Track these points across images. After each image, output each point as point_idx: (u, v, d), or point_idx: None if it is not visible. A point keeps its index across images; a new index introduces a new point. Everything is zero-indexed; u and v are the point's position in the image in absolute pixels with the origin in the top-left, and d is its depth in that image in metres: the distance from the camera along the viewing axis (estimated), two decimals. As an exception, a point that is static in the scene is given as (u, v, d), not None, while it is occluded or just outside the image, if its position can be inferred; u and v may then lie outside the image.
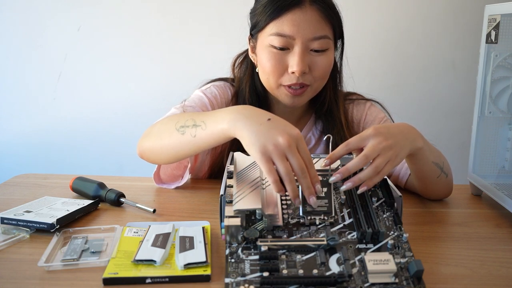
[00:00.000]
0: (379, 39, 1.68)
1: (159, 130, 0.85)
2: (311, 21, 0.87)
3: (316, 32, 0.88)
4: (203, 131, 0.77)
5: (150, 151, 0.87)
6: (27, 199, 0.84)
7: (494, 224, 0.80)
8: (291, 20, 0.87)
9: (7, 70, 1.72)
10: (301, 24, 0.87)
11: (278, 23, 0.88)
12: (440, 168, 0.85)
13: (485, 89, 0.90)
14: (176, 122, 0.82)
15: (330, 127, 1.02)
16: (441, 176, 0.86)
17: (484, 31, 0.89)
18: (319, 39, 0.89)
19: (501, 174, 0.93)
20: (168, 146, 0.82)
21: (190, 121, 0.80)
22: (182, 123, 0.81)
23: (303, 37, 0.88)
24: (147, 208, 0.81)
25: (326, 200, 0.66)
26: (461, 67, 1.71)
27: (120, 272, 0.59)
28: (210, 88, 1.03)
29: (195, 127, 0.78)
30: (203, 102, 0.99)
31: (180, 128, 0.80)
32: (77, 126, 1.76)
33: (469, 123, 0.94)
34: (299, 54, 0.88)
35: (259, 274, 0.55)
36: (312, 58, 0.90)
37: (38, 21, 1.67)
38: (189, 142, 0.79)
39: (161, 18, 1.67)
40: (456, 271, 0.64)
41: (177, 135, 0.80)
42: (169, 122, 0.84)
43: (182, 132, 0.80)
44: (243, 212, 0.62)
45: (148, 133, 0.88)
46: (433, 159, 0.83)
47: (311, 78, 0.91)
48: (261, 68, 0.94)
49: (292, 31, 0.87)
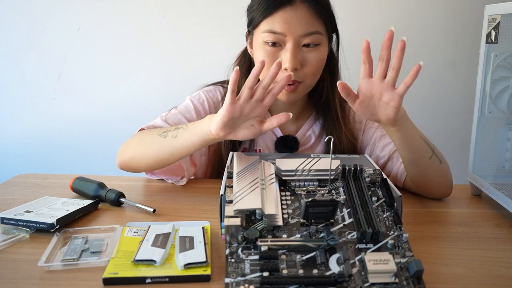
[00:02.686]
0: (379, 39, 1.68)
1: (141, 138, 0.92)
2: (301, 18, 0.90)
3: (307, 28, 0.91)
4: (183, 130, 0.85)
5: (132, 159, 0.92)
6: (27, 199, 0.84)
7: (494, 224, 0.80)
8: (282, 18, 0.90)
9: (7, 70, 1.72)
10: (292, 21, 0.90)
11: (270, 21, 0.91)
12: (431, 149, 0.86)
13: (485, 89, 0.90)
14: (158, 130, 0.90)
15: (328, 118, 1.04)
16: (434, 158, 0.86)
17: (484, 31, 0.89)
18: (310, 35, 0.91)
19: (501, 174, 0.93)
20: (151, 151, 0.89)
21: (172, 127, 0.88)
22: (165, 130, 0.88)
23: (294, 33, 0.90)
24: (147, 208, 0.81)
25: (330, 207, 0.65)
26: (461, 67, 1.71)
27: (120, 272, 0.59)
28: (198, 94, 1.06)
29: (177, 130, 0.86)
30: (188, 109, 1.02)
31: (163, 133, 0.88)
32: (77, 126, 1.76)
33: (469, 123, 0.94)
34: (291, 50, 0.90)
35: (259, 274, 0.55)
36: (304, 54, 0.92)
37: (38, 21, 1.67)
38: (170, 143, 0.86)
39: (162, 18, 1.67)
40: (456, 271, 0.64)
41: (159, 139, 0.87)
42: (151, 131, 0.92)
43: (164, 135, 0.87)
44: (243, 212, 0.62)
45: (129, 143, 0.94)
46: (421, 135, 0.85)
47: (303, 75, 0.93)
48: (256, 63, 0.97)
49: (283, 28, 0.90)
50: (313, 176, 0.72)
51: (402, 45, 0.71)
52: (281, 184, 0.72)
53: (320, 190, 0.70)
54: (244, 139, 0.82)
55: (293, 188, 0.71)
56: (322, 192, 0.70)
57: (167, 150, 0.87)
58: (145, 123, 1.00)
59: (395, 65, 0.73)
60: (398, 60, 0.72)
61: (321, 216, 0.63)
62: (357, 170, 0.73)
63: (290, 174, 0.72)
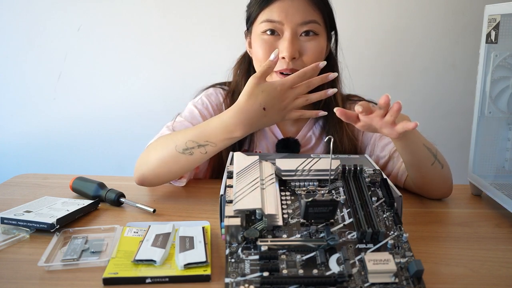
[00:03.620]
0: (379, 39, 1.68)
1: (159, 157, 0.86)
2: (298, 6, 0.92)
3: (305, 17, 0.92)
4: (213, 147, 0.82)
5: (155, 177, 0.88)
6: (27, 199, 0.84)
7: (494, 224, 0.80)
8: (280, 7, 0.92)
9: (7, 70, 1.72)
10: (289, 10, 0.92)
11: (268, 11, 0.93)
12: (433, 155, 0.85)
13: (485, 89, 0.90)
14: (175, 145, 0.84)
15: (329, 120, 1.04)
16: (436, 164, 0.86)
17: (484, 31, 0.89)
18: (308, 23, 0.93)
19: (501, 174, 0.93)
20: (177, 167, 0.86)
21: (191, 143, 0.83)
22: (184, 146, 0.83)
23: (292, 22, 0.92)
24: (147, 208, 0.81)
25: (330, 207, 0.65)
26: (461, 67, 1.71)
27: (120, 272, 0.59)
28: (201, 98, 1.06)
29: (203, 147, 0.83)
30: (194, 115, 1.01)
31: (185, 151, 0.83)
32: (77, 126, 1.76)
33: (469, 123, 0.94)
34: (289, 39, 0.92)
35: (259, 274, 0.55)
36: (302, 44, 0.94)
37: (38, 21, 1.67)
38: (201, 159, 0.85)
39: (162, 18, 1.67)
40: (456, 271, 0.64)
41: (186, 157, 0.84)
42: (167, 146, 0.86)
43: (190, 153, 0.83)
44: (243, 212, 0.62)
45: (146, 161, 0.88)
46: (425, 142, 0.85)
47: (301, 63, 0.94)
48: (254, 57, 0.98)
49: (281, 17, 0.92)
50: (313, 176, 0.72)
51: (398, 107, 0.71)
52: (281, 184, 0.72)
53: (320, 190, 0.70)
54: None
55: (293, 188, 0.71)
56: (322, 192, 0.70)
57: (194, 164, 0.87)
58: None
59: (395, 109, 0.72)
60: (397, 108, 0.71)
61: (321, 216, 0.63)
62: (357, 170, 0.73)
63: (290, 174, 0.72)
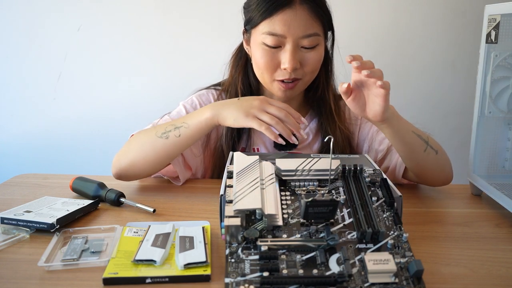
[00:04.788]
0: (379, 39, 1.68)
1: (138, 143, 0.90)
2: (301, 20, 0.92)
3: (306, 30, 0.92)
4: (186, 129, 0.86)
5: (132, 165, 0.90)
6: (27, 199, 0.84)
7: (494, 224, 0.80)
8: (282, 20, 0.92)
9: (7, 70, 1.72)
10: (292, 24, 0.91)
11: (270, 23, 0.92)
12: (425, 142, 0.86)
13: (485, 89, 0.90)
14: (155, 132, 0.89)
15: (322, 113, 1.06)
16: (429, 150, 0.86)
17: (484, 31, 0.89)
18: (309, 37, 0.93)
19: (501, 174, 0.93)
20: (153, 154, 0.88)
21: (169, 126, 0.88)
22: (162, 130, 0.88)
23: (294, 35, 0.92)
24: (147, 208, 0.81)
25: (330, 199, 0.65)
26: (461, 67, 1.71)
27: (120, 272, 0.59)
28: (191, 99, 1.07)
29: (177, 129, 0.87)
30: (181, 115, 1.02)
31: (162, 134, 0.87)
32: (77, 126, 1.76)
33: (469, 123, 0.94)
34: (291, 51, 0.93)
35: (259, 274, 0.55)
36: (303, 55, 0.95)
37: (38, 21, 1.67)
38: (175, 143, 0.87)
39: (162, 18, 1.67)
40: (456, 271, 0.64)
41: (161, 141, 0.87)
42: (147, 133, 0.90)
43: (166, 136, 0.87)
44: (243, 212, 0.62)
45: (125, 151, 0.91)
46: (414, 129, 0.86)
47: (302, 72, 0.96)
48: (255, 64, 0.99)
49: (283, 31, 0.92)
50: (313, 176, 0.72)
51: (367, 61, 0.76)
52: (281, 184, 0.72)
53: (320, 190, 0.70)
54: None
55: (293, 188, 0.71)
56: (322, 192, 0.70)
57: (172, 150, 0.88)
58: (145, 124, 1.00)
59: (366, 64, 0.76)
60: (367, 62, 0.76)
61: (321, 216, 0.63)
62: (357, 170, 0.73)
63: (290, 174, 0.72)
